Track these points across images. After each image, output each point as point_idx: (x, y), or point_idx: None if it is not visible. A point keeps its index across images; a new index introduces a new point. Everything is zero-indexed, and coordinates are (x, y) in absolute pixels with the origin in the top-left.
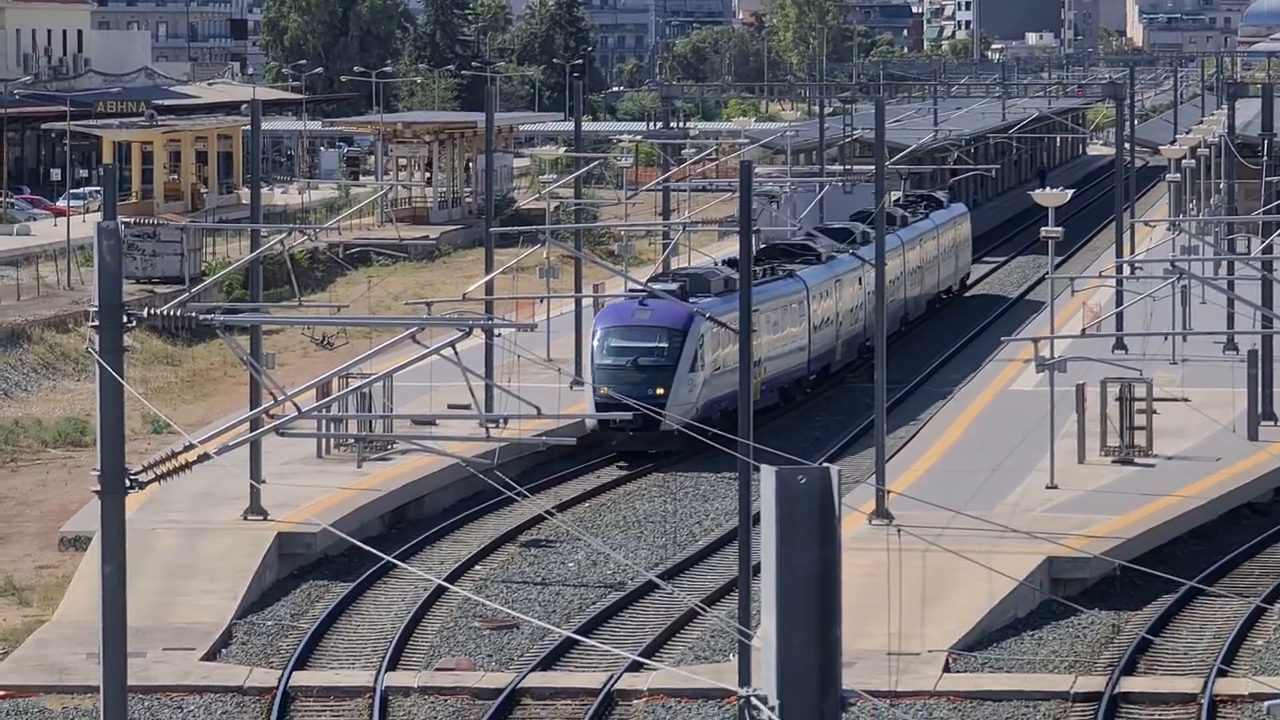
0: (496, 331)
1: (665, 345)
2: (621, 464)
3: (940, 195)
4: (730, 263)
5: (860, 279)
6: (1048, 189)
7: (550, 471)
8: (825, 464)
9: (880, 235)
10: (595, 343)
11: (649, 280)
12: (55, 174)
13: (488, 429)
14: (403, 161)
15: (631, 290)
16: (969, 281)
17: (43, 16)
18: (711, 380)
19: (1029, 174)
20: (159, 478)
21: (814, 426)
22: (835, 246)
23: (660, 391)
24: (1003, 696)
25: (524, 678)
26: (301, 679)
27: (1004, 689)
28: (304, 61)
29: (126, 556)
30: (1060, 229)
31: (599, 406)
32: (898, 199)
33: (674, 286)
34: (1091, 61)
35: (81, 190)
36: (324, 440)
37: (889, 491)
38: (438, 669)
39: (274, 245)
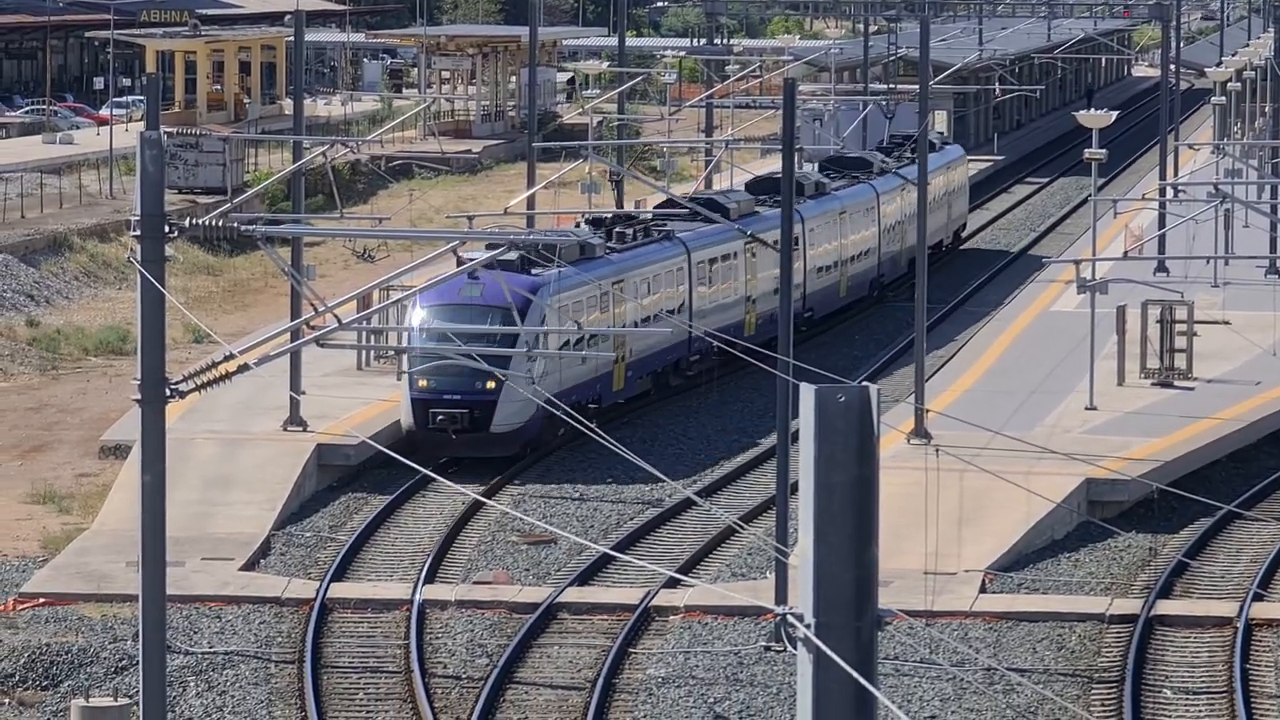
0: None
1: (498, 328)
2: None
3: (933, 135)
4: (625, 217)
5: (795, 240)
6: (1093, 110)
7: None
8: (865, 383)
9: (923, 154)
10: (414, 325)
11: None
12: (98, 83)
13: (528, 342)
14: (446, 75)
15: (463, 260)
16: (965, 233)
17: None
18: (556, 370)
19: (1073, 95)
20: (199, 387)
21: (854, 345)
22: (760, 201)
23: (490, 385)
24: (1038, 618)
25: (561, 593)
26: (339, 591)
27: (1040, 610)
28: None
29: (166, 466)
30: (1104, 151)
31: (416, 403)
32: (881, 142)
33: (514, 256)
34: None
35: (124, 99)
36: (364, 352)
37: (928, 411)
38: (475, 582)
39: (316, 157)
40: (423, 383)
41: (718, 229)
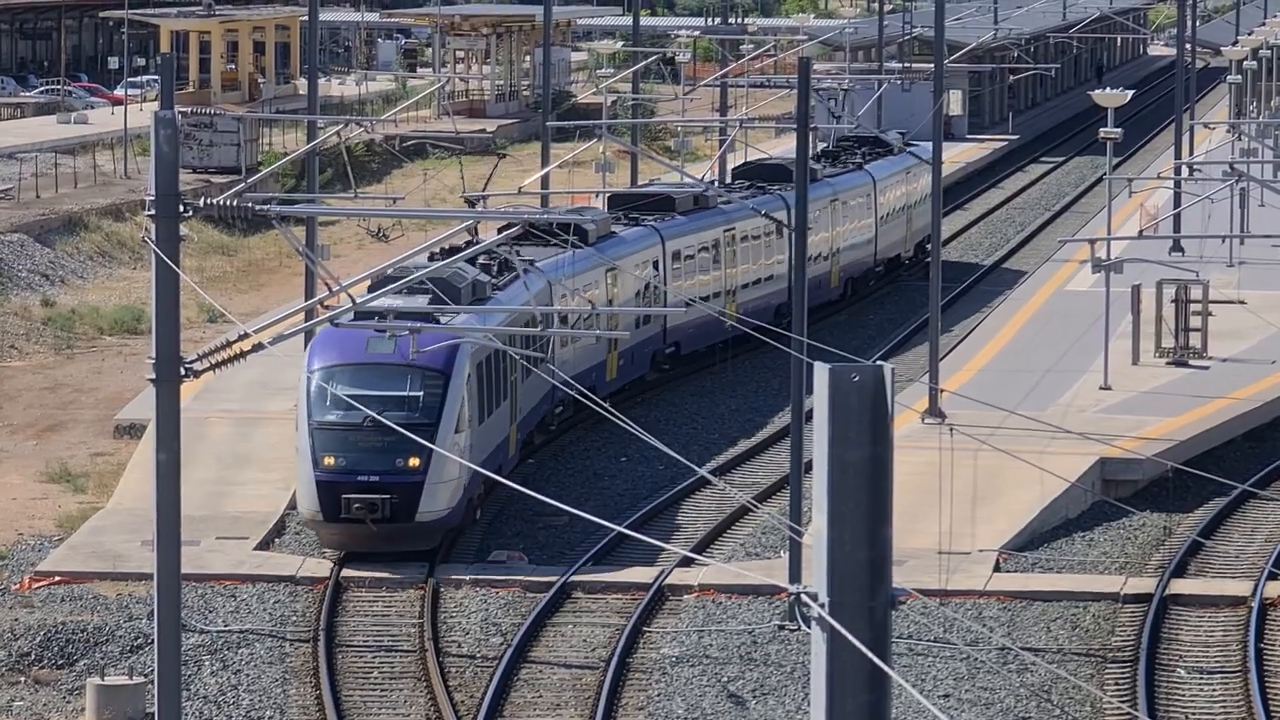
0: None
1: (420, 394)
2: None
3: (892, 138)
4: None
5: (656, 264)
6: (1106, 89)
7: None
8: (879, 362)
9: (938, 133)
10: (311, 389)
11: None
12: (113, 62)
13: (542, 322)
14: (460, 54)
15: (361, 304)
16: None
17: None
18: (478, 442)
19: (1089, 74)
20: (213, 366)
21: (868, 324)
22: (625, 217)
23: (415, 464)
24: (1052, 597)
25: (575, 571)
26: (354, 569)
27: (1054, 589)
28: None
29: (180, 445)
30: (1119, 130)
31: (323, 487)
32: (825, 145)
33: (424, 300)
34: None
35: (139, 79)
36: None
37: (942, 390)
38: (489, 561)
39: (330, 137)
40: (329, 461)
41: (579, 255)
